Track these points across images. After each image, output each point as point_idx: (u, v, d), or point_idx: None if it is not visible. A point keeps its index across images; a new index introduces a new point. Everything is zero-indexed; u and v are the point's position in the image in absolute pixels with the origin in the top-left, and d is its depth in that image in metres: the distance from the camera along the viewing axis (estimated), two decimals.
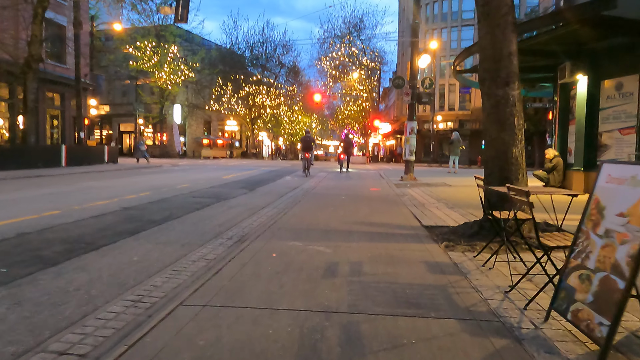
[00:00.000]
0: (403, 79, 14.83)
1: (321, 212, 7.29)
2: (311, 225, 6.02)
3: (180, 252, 4.64)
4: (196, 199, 9.04)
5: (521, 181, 5.06)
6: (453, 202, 8.65)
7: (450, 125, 41.84)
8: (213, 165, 24.96)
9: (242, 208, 8.01)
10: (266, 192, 10.87)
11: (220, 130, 54.78)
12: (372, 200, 9.09)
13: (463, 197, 9.41)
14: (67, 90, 23.68)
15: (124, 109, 47.87)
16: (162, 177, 15.05)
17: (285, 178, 16.03)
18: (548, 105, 21.89)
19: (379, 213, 7.33)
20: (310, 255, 4.30)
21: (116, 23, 30.98)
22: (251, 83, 46.79)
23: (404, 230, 5.85)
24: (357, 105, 52.06)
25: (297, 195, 9.98)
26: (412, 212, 7.50)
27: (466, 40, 40.38)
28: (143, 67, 41.39)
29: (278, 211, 7.40)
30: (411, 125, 14.45)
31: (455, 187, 11.83)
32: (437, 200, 9.13)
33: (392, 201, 9.04)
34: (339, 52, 42.92)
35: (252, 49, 47.86)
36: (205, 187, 11.46)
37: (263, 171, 19.78)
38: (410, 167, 14.60)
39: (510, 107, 4.97)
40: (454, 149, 19.81)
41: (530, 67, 11.33)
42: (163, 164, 26.78)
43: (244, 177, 15.95)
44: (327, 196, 9.77)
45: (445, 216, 6.96)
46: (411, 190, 11.37)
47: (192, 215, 7.09)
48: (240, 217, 7.00)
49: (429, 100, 13.97)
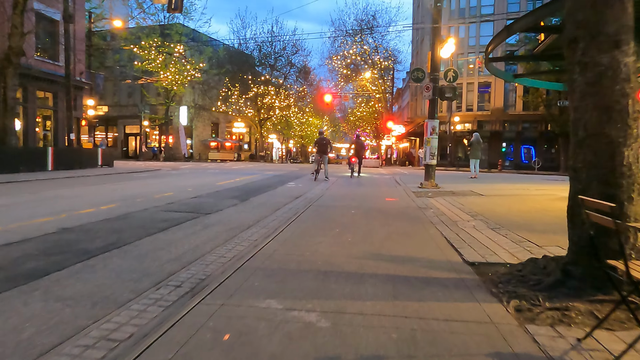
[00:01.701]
0: (423, 71, 12.93)
1: (322, 235, 5.44)
2: (304, 260, 4.18)
3: (75, 324, 2.82)
4: (168, 214, 7.25)
5: (637, 202, 3.15)
6: (494, 219, 6.73)
7: (468, 126, 39.65)
8: (215, 169, 23.27)
9: (220, 228, 6.19)
10: (260, 204, 9.05)
11: (228, 132, 53.28)
12: (388, 216, 7.21)
13: (503, 212, 7.48)
14: (61, 90, 22.16)
15: (129, 110, 46.71)
16: (149, 184, 13.34)
17: (289, 184, 14.22)
18: None
19: (401, 237, 5.45)
20: (289, 339, 2.46)
21: (116, 19, 29.51)
22: (259, 83, 45.16)
23: (440, 270, 3.98)
24: (370, 106, 50.15)
25: (298, 207, 8.15)
26: (444, 235, 5.61)
27: (485, 36, 38.16)
28: (148, 67, 40.14)
29: (266, 233, 5.58)
30: (432, 124, 12.54)
31: (488, 197, 9.89)
32: (471, 215, 7.21)
33: (415, 217, 7.15)
34: (350, 51, 41.06)
35: (261, 48, 46.24)
36: (189, 197, 9.68)
37: (266, 176, 18.00)
38: (431, 172, 12.69)
39: (621, 82, 3.08)
40: (474, 152, 17.98)
41: None
42: (164, 167, 25.19)
43: (242, 183, 14.18)
44: (333, 209, 7.91)
45: (493, 243, 5.06)
46: (435, 200, 9.47)
47: (148, 240, 5.28)
48: (211, 243, 5.19)
49: (454, 95, 12.10)
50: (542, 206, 8.29)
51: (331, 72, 45.89)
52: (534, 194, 10.63)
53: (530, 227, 5.96)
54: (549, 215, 7.12)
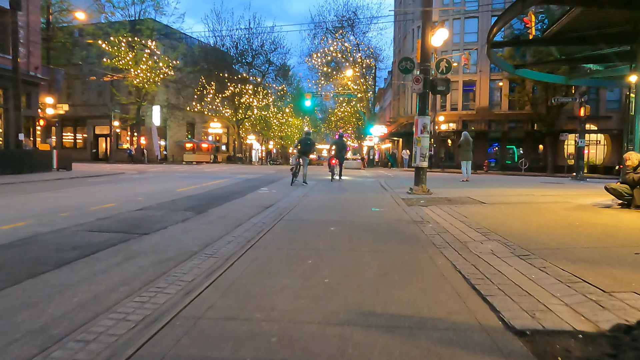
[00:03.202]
0: (412, 60, 11.40)
1: (288, 272, 3.81)
2: (250, 334, 2.54)
3: None
4: (88, 236, 5.51)
5: None
6: (514, 238, 5.17)
7: (452, 126, 38.51)
8: (184, 173, 21.42)
9: (149, 259, 4.49)
10: (219, 217, 7.35)
11: (205, 133, 51.17)
12: (378, 235, 5.61)
13: (521, 228, 5.94)
14: (13, 86, 20.01)
15: (99, 110, 44.26)
16: (96, 191, 11.52)
17: (261, 190, 12.54)
18: (580, 99, 18.58)
19: (399, 273, 3.85)
20: None
21: (79, 11, 27.33)
22: (237, 82, 43.29)
23: (473, 350, 2.38)
24: (351, 106, 48.74)
25: (265, 222, 6.51)
26: (458, 268, 4.04)
27: (470, 33, 37.18)
28: (118, 64, 37.99)
29: (209, 269, 3.94)
30: (423, 121, 11.02)
31: (493, 206, 8.37)
32: (482, 233, 5.66)
33: (412, 236, 5.57)
34: (330, 48, 39.54)
35: (237, 45, 44.35)
36: (132, 209, 7.91)
37: (238, 180, 16.28)
38: (422, 176, 11.17)
39: None
40: (465, 153, 16.42)
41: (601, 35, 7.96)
42: (129, 170, 23.20)
43: (208, 189, 12.44)
44: (308, 225, 6.28)
45: (532, 285, 3.49)
46: (431, 211, 7.92)
47: (22, 287, 3.55)
48: (121, 290, 3.51)
49: (447, 88, 10.64)
50: (562, 218, 6.80)
51: (311, 70, 44.26)
52: (543, 202, 9.17)
53: (570, 254, 4.43)
54: (580, 232, 5.61)
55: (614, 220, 6.43)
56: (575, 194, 11.09)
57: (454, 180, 17.70)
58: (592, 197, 10.07)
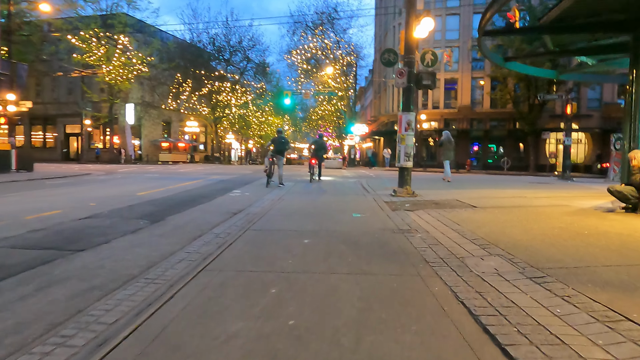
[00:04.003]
0: (395, 52, 10.56)
1: (243, 310, 2.92)
2: None
3: None
4: (4, 255, 4.50)
5: None
6: (518, 253, 4.36)
7: (434, 125, 37.97)
8: (155, 174, 20.26)
9: (69, 288, 3.53)
10: (177, 227, 6.39)
11: (182, 132, 49.68)
12: (360, 250, 4.75)
13: (523, 238, 5.14)
14: None
15: (70, 108, 42.43)
16: (48, 195, 10.41)
17: (233, 193, 11.58)
18: (566, 97, 18.07)
19: (385, 309, 2.99)
20: None
21: (43, 3, 25.76)
22: (214, 79, 42.01)
23: None
24: (332, 104, 47.94)
25: (228, 234, 5.59)
26: (460, 297, 3.20)
27: (451, 30, 36.70)
28: (88, 60, 36.36)
29: (142, 302, 3.06)
30: (407, 118, 10.21)
31: (485, 211, 7.59)
32: (480, 245, 4.84)
33: (400, 252, 4.71)
34: (310, 45, 38.61)
35: (214, 40, 43.03)
36: (77, 218, 6.87)
37: (210, 181, 15.25)
38: (407, 177, 10.36)
39: None
40: (447, 152, 15.91)
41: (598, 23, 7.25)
42: (97, 171, 21.90)
43: (174, 192, 11.42)
44: (278, 237, 5.38)
45: (559, 323, 2.66)
46: (417, 216, 7.10)
47: None
48: (5, 345, 2.55)
49: (432, 82, 9.89)
50: (567, 225, 6.04)
51: (290, 67, 43.25)
52: (538, 205, 8.44)
53: (593, 275, 3.63)
54: (594, 244, 4.83)
55: (627, 229, 5.69)
56: (569, 195, 10.42)
57: (438, 181, 17.01)
58: (589, 199, 9.41)
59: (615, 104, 34.90)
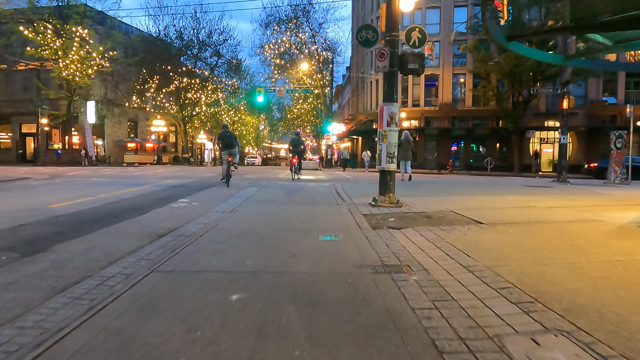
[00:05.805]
0: (375, 30, 8.61)
1: None
2: None
3: None
4: None
5: None
6: (591, 323, 2.42)
7: (414, 123, 36.32)
8: (102, 178, 17.90)
9: None
10: (52, 266, 4.27)
11: (149, 132, 46.94)
12: (320, 325, 2.77)
13: (582, 286, 3.23)
14: None
15: (25, 106, 39.39)
16: None
17: (178, 202, 9.45)
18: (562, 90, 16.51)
19: None
20: None
21: None
22: (182, 75, 39.51)
23: None
24: (308, 102, 45.96)
25: (119, 282, 3.57)
26: None
27: (432, 24, 35.09)
28: (43, 54, 33.60)
29: None
30: (390, 109, 8.28)
31: (496, 229, 5.68)
32: (516, 303, 2.89)
33: (388, 323, 2.73)
34: (284, 38, 36.53)
35: (182, 34, 40.49)
36: None
37: (159, 187, 13.05)
38: (390, 182, 8.44)
39: None
40: (404, 152, 15.55)
41: None
42: (42, 174, 19.37)
43: (101, 202, 9.23)
44: (190, 290, 3.36)
45: None
46: (408, 239, 5.15)
47: None
48: None
49: (420, 66, 8.02)
50: (626, 258, 4.17)
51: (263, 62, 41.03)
52: (560, 220, 6.53)
53: None
54: None
55: None
56: (585, 204, 8.66)
57: (421, 183, 15.25)
58: (614, 209, 7.65)
59: (601, 101, 33.87)
